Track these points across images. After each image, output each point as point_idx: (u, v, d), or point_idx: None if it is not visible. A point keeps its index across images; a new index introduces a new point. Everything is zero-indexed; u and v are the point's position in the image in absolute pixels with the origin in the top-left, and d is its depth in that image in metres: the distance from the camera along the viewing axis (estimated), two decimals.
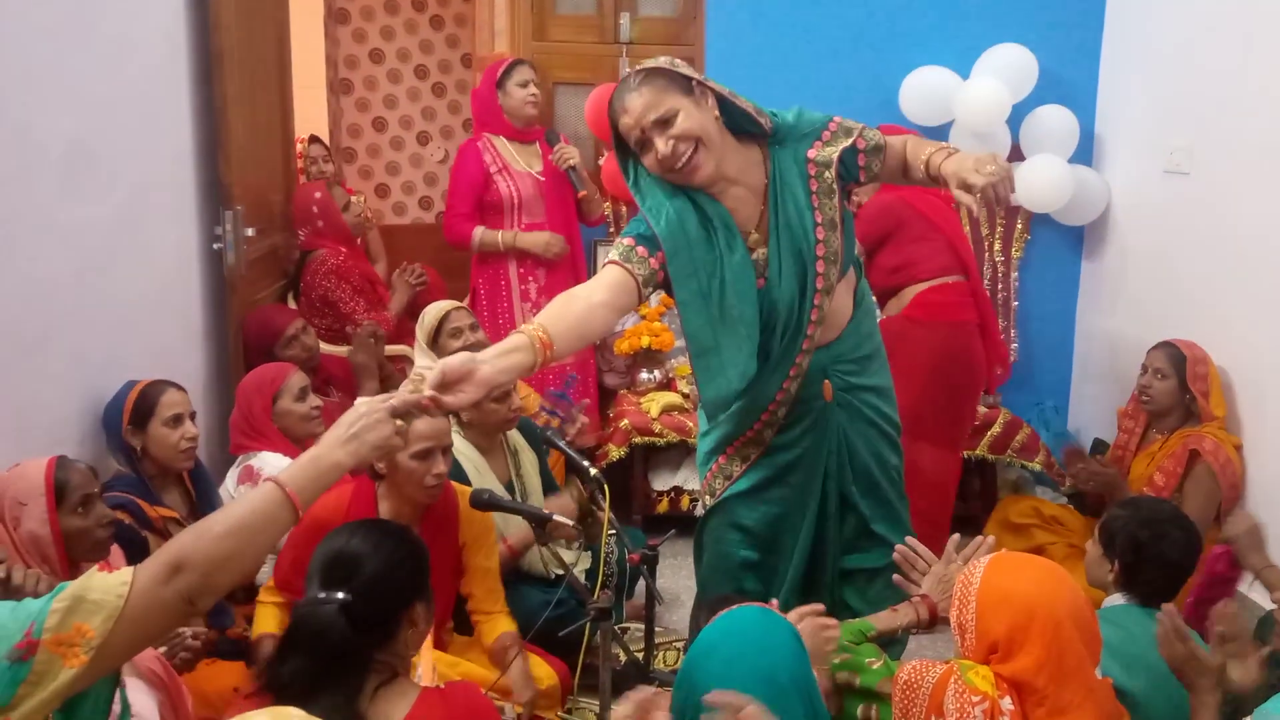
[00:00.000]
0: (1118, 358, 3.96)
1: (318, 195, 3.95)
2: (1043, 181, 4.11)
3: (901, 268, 3.36)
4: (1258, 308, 3.32)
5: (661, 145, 2.12)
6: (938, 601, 2.13)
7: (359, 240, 4.29)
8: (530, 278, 3.87)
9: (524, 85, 3.80)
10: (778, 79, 4.16)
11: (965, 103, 4.09)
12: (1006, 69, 4.09)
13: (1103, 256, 4.34)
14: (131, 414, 2.54)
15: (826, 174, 2.22)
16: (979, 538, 2.20)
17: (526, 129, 3.86)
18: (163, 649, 2.12)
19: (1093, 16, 4.28)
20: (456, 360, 1.72)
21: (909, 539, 2.27)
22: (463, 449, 2.87)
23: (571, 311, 2.02)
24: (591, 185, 3.98)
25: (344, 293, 3.85)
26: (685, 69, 2.18)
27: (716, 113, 2.17)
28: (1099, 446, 3.80)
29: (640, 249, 2.14)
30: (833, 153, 2.23)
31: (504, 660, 2.48)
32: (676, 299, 2.19)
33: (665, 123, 2.12)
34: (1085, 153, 4.27)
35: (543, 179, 3.86)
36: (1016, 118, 4.13)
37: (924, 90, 4.21)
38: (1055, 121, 4.14)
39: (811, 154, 2.23)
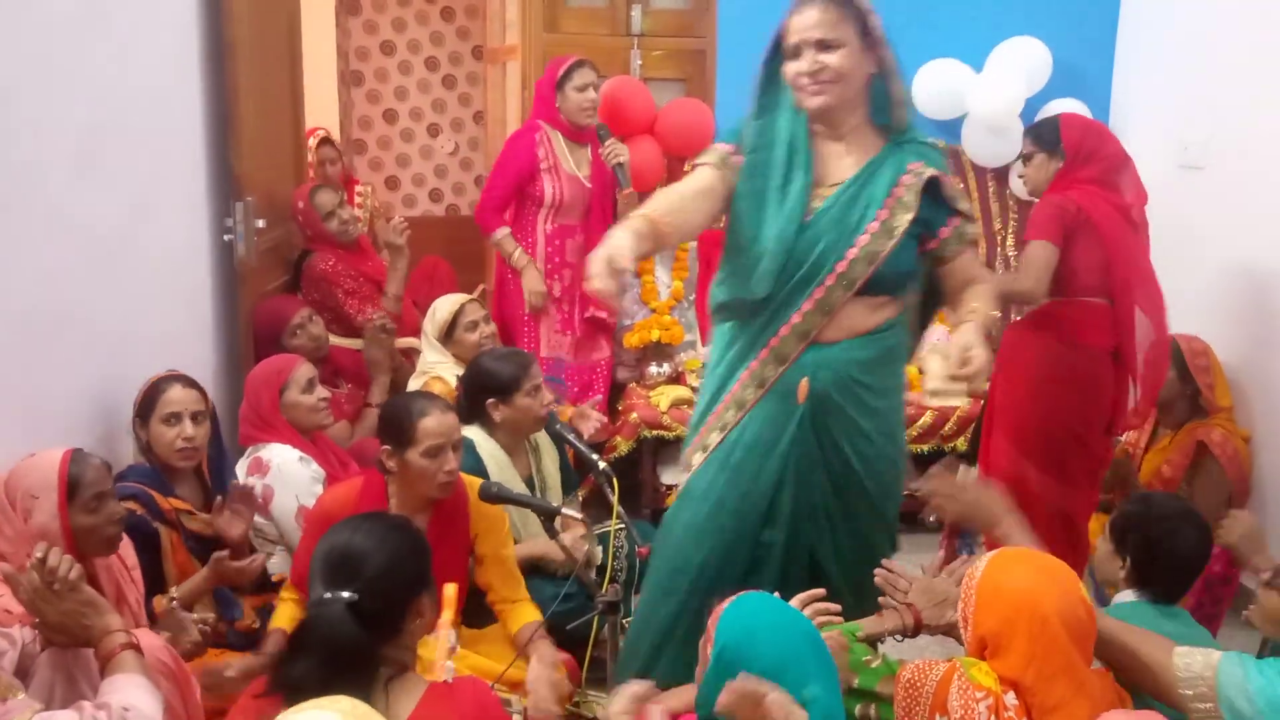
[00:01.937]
0: None
1: (301, 205, 3.86)
2: None
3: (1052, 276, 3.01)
4: (1272, 302, 3.30)
5: (806, 61, 2.13)
6: (922, 610, 2.15)
7: (363, 235, 4.20)
8: (556, 275, 3.88)
9: (582, 90, 3.76)
10: None
11: (979, 96, 4.07)
12: (1020, 62, 4.08)
13: None
14: (139, 407, 2.55)
15: (915, 182, 2.17)
16: (963, 557, 2.22)
17: (581, 130, 3.84)
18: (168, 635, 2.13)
19: (1107, 9, 4.26)
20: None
21: (886, 561, 2.23)
22: (486, 446, 2.86)
23: (679, 205, 2.15)
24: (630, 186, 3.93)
25: (336, 298, 3.82)
26: (874, 18, 2.16)
27: (870, 71, 2.17)
28: None
29: (738, 156, 2.21)
30: (929, 172, 2.18)
31: (532, 650, 2.45)
32: (737, 191, 2.22)
33: (825, 46, 2.12)
34: None
35: (589, 185, 3.84)
36: (1030, 111, 4.11)
37: (937, 83, 4.19)
38: None
39: (915, 165, 2.19)
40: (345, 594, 1.61)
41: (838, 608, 2.03)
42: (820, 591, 2.02)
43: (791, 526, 2.26)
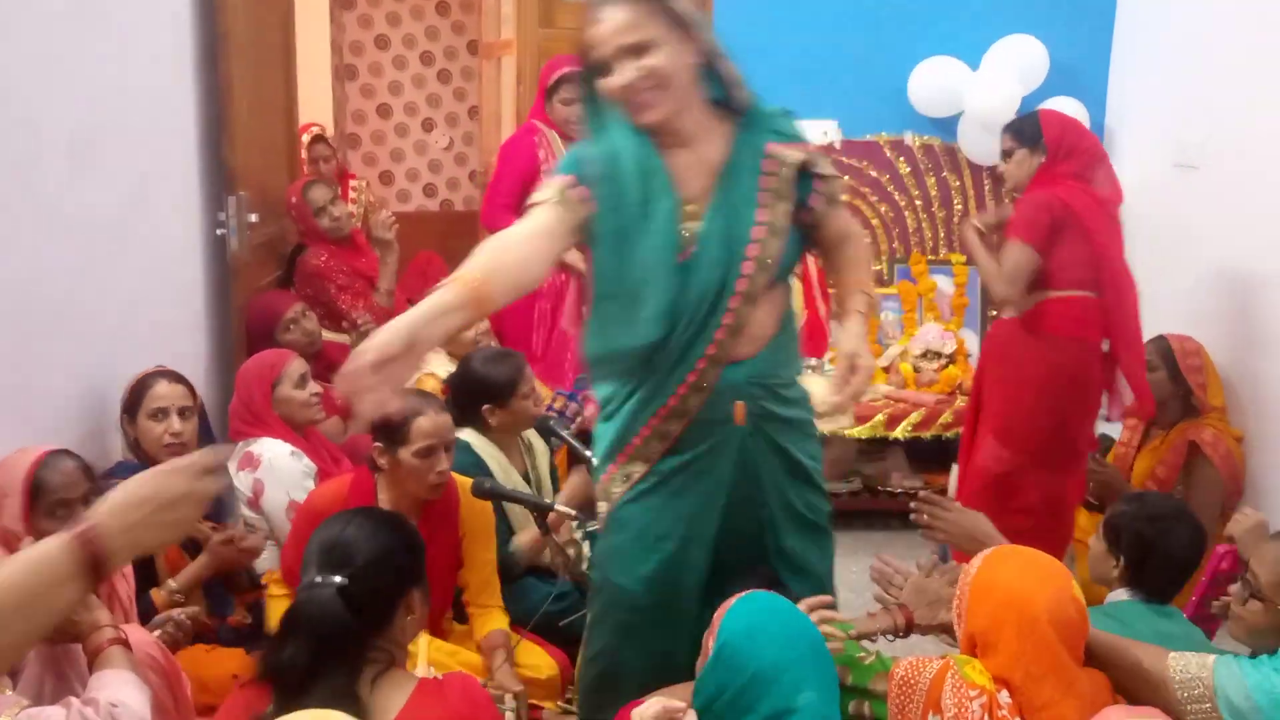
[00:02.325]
0: None
1: (294, 200, 3.87)
2: None
3: (1036, 272, 3.01)
4: (1267, 303, 3.30)
5: (625, 73, 1.89)
6: (915, 609, 2.15)
7: (356, 230, 4.16)
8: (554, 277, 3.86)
9: (568, 104, 3.73)
10: (785, 69, 4.11)
11: (975, 94, 4.07)
12: (1017, 60, 4.08)
13: None
14: (126, 402, 2.54)
15: (784, 172, 2.01)
16: (953, 564, 2.20)
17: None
18: (157, 632, 2.12)
19: (1104, 8, 4.26)
20: (376, 349, 1.61)
21: (881, 555, 2.24)
22: (484, 447, 2.85)
23: (507, 259, 1.89)
24: None
25: (329, 294, 3.81)
26: (682, 3, 1.93)
27: (694, 61, 1.94)
28: (1104, 442, 3.79)
29: (578, 189, 1.95)
30: (796, 157, 2.02)
31: (491, 660, 2.46)
32: (595, 232, 1.97)
33: (636, 51, 1.89)
34: None
35: None
36: (1026, 109, 4.10)
37: (933, 81, 4.19)
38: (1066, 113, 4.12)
39: (772, 147, 2.00)
40: (336, 579, 1.60)
41: (844, 617, 2.02)
42: (827, 599, 2.01)
43: (753, 546, 2.15)
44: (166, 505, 1.29)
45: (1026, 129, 3.11)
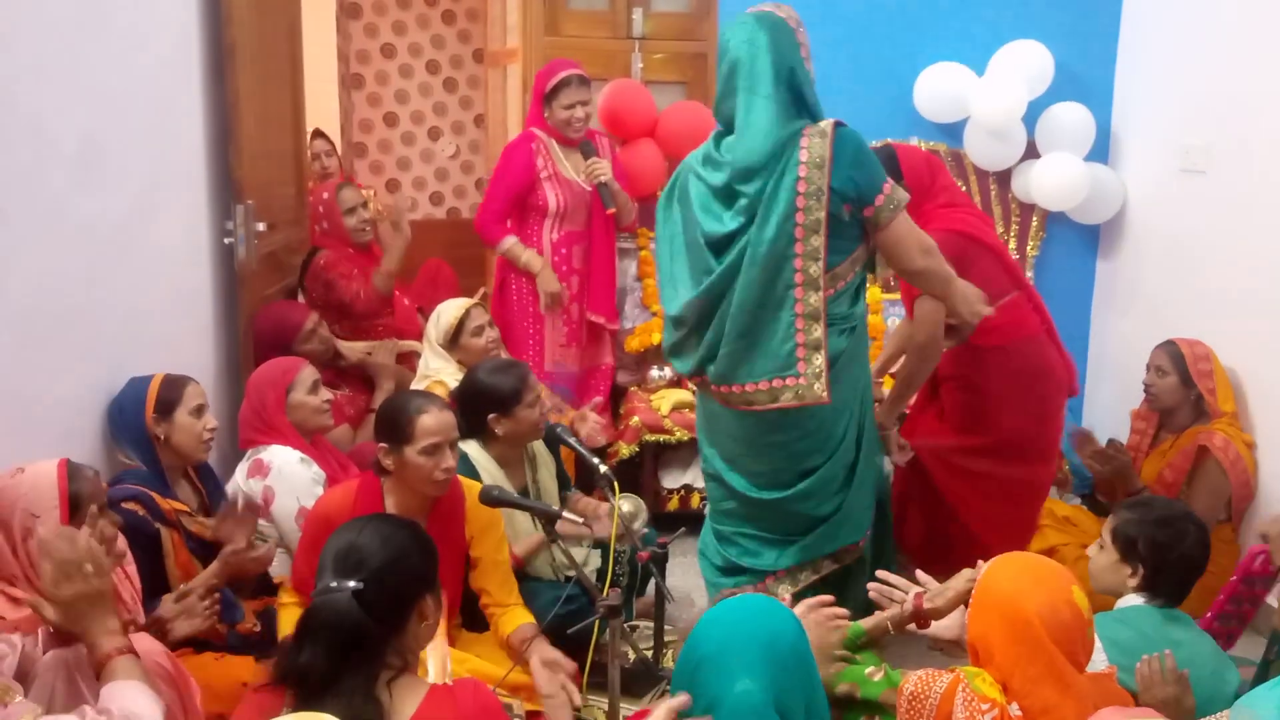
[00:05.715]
0: (1132, 357, 3.93)
1: (325, 196, 3.92)
2: (1058, 179, 4.08)
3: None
4: (1274, 307, 3.29)
5: None
6: (926, 597, 2.13)
7: (367, 240, 4.18)
8: (564, 282, 3.88)
9: (569, 108, 3.74)
10: None
11: (980, 99, 4.06)
12: (1023, 65, 4.07)
13: (1118, 255, 4.30)
14: (156, 403, 2.56)
15: None
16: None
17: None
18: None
19: (1110, 13, 4.25)
20: None
21: (880, 572, 2.26)
22: (482, 460, 2.85)
23: None
24: (623, 197, 3.89)
25: (338, 288, 3.81)
26: None
27: None
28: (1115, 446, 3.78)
29: None
30: None
31: (524, 652, 2.46)
32: None
33: None
34: (1101, 151, 4.24)
35: (589, 188, 3.84)
36: (1032, 115, 4.11)
37: (939, 87, 4.19)
38: (1071, 119, 4.12)
39: None
40: (351, 583, 1.61)
41: (846, 612, 2.03)
42: (827, 599, 2.05)
43: None
44: None
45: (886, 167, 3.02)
